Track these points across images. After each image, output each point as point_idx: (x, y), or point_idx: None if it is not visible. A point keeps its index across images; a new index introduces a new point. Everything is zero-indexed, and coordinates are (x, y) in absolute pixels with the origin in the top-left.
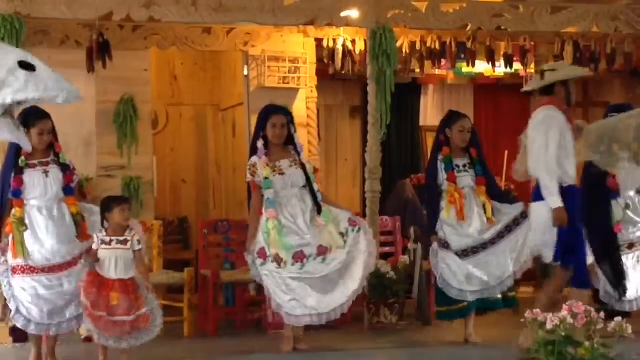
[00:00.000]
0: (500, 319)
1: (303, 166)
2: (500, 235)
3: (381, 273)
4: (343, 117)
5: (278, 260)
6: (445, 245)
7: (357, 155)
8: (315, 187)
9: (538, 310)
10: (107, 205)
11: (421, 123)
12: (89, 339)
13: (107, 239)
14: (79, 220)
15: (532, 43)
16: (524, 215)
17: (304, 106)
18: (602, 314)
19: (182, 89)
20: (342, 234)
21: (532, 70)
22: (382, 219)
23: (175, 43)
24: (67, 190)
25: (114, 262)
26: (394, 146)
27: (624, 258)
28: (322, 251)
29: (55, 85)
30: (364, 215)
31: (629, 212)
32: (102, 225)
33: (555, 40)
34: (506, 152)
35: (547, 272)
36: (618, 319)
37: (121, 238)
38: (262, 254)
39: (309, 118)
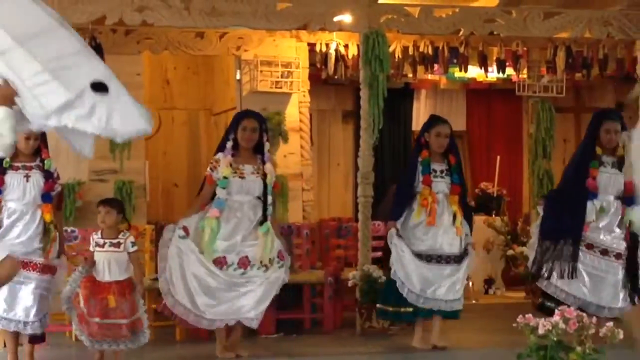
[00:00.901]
0: (491, 323)
1: (265, 176)
2: (456, 260)
3: (373, 278)
4: (335, 122)
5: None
6: (401, 237)
7: (349, 160)
8: (269, 200)
9: (529, 315)
10: (97, 205)
11: (414, 128)
12: None
13: (101, 241)
14: (51, 229)
15: (525, 48)
16: (467, 251)
17: (296, 111)
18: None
19: (174, 93)
20: (270, 259)
21: (525, 76)
22: (374, 224)
23: (168, 47)
24: (45, 197)
25: (108, 264)
26: (387, 151)
27: (587, 256)
28: (243, 263)
29: (121, 121)
30: (356, 220)
31: (605, 218)
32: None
33: (548, 46)
34: (498, 157)
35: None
36: (609, 324)
37: (114, 240)
38: (186, 230)
39: (301, 122)
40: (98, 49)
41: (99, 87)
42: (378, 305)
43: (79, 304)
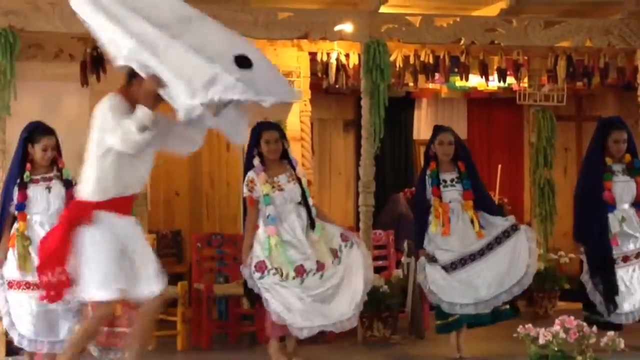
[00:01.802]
0: (492, 332)
1: (299, 180)
2: (489, 247)
3: (375, 287)
4: (337, 131)
5: (281, 273)
6: (432, 259)
7: (350, 169)
8: (310, 201)
9: (530, 325)
10: None
11: (415, 137)
12: None
13: None
14: None
15: (526, 57)
16: (515, 228)
17: (297, 120)
18: (594, 328)
19: None
20: (334, 250)
21: (525, 85)
22: (376, 233)
23: None
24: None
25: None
26: (388, 160)
27: (620, 271)
28: (320, 267)
29: (266, 87)
30: (357, 229)
31: (624, 226)
32: None
33: (549, 55)
34: (499, 166)
35: (540, 286)
36: (610, 333)
37: None
38: (261, 267)
39: (302, 132)
40: (99, 59)
41: (243, 61)
42: (437, 323)
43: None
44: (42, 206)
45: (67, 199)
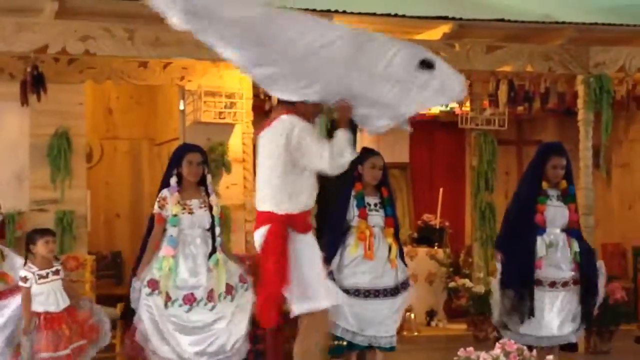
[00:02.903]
0: (431, 357)
1: (211, 208)
2: (392, 293)
3: None
4: None
5: (166, 299)
6: (334, 279)
7: None
8: (218, 231)
9: (471, 348)
10: (32, 237)
11: None
12: None
13: (43, 272)
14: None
15: (468, 81)
16: (405, 286)
17: (239, 142)
18: (534, 352)
19: (117, 122)
20: (230, 287)
21: (467, 108)
22: None
23: (111, 77)
24: None
25: (56, 293)
26: (330, 182)
27: (545, 295)
28: (211, 297)
29: (452, 85)
30: None
31: (550, 251)
32: (26, 259)
33: (490, 79)
34: (441, 189)
35: (480, 309)
36: (550, 357)
37: (53, 269)
38: (153, 285)
39: (244, 153)
40: (40, 79)
41: (426, 65)
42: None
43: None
44: None
45: None
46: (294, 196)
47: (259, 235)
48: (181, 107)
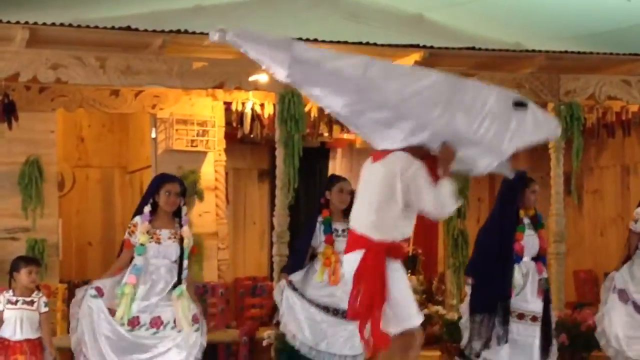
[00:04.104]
0: None
1: (182, 240)
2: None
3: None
4: (251, 181)
5: (111, 312)
6: (295, 289)
7: (265, 219)
8: (185, 264)
9: None
10: (16, 265)
11: None
12: None
13: (14, 299)
14: None
15: None
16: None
17: (212, 169)
18: None
19: (89, 150)
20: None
21: None
22: None
23: (83, 105)
24: None
25: (20, 322)
26: (303, 210)
27: (513, 325)
28: (156, 323)
29: (546, 123)
30: (271, 279)
31: (527, 281)
32: (10, 285)
33: None
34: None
35: (453, 336)
36: None
37: (28, 299)
38: (100, 291)
39: (217, 181)
40: (11, 107)
41: (520, 105)
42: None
43: None
44: None
45: None
46: (400, 227)
47: (353, 260)
48: (153, 135)
